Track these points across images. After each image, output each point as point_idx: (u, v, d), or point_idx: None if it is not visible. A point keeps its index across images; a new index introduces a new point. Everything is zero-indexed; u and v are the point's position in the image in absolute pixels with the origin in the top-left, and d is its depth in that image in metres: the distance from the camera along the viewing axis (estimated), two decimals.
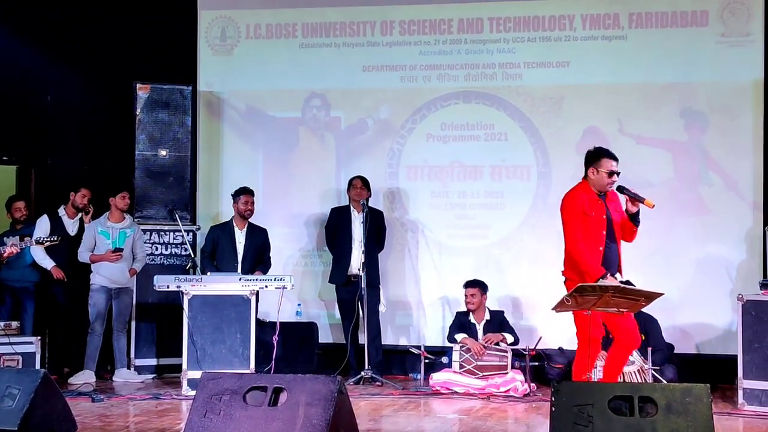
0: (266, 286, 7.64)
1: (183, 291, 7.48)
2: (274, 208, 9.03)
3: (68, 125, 9.46)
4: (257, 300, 7.76)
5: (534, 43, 8.81)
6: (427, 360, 8.06)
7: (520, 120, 8.80)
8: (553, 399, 4.64)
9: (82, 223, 8.56)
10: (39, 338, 7.61)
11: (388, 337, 8.75)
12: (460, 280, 8.26)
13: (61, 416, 5.43)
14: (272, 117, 9.22)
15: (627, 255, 6.20)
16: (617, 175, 6.01)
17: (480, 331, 8.00)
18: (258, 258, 8.40)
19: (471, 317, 8.07)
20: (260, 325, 7.90)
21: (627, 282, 6.09)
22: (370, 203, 8.39)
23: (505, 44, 8.85)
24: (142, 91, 8.80)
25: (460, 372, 7.75)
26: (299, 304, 8.87)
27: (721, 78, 8.45)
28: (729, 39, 8.46)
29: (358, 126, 9.08)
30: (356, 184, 8.46)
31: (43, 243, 7.64)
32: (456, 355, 7.84)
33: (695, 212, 8.44)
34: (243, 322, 7.43)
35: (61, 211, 8.56)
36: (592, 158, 6.05)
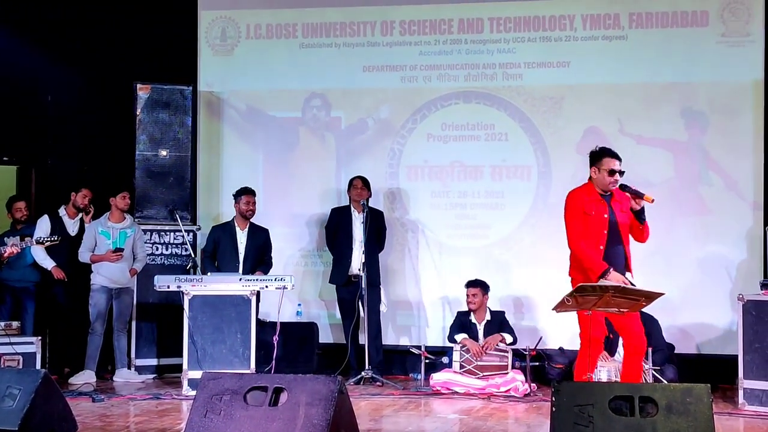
0: (266, 287, 7.64)
1: (183, 291, 7.49)
2: (275, 208, 9.02)
3: (68, 125, 9.47)
4: (258, 300, 7.76)
5: (534, 43, 8.81)
6: (428, 360, 8.06)
7: (521, 120, 8.80)
8: (554, 399, 4.64)
9: (83, 223, 8.56)
10: (39, 338, 7.61)
11: (389, 337, 8.75)
12: (461, 280, 8.26)
13: (62, 416, 5.43)
14: (272, 117, 9.22)
15: None
16: (620, 174, 6.01)
17: (481, 331, 7.99)
18: (259, 258, 8.40)
19: (472, 317, 8.07)
20: (261, 325, 7.91)
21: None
22: (371, 203, 8.39)
23: (506, 44, 8.85)
24: (143, 92, 8.80)
25: (461, 372, 7.75)
26: (299, 304, 8.87)
27: (722, 78, 8.45)
28: (729, 39, 8.46)
29: (359, 126, 9.08)
30: (356, 184, 8.45)
31: (44, 243, 7.65)
32: (456, 355, 7.83)
33: (695, 212, 8.44)
34: (243, 322, 7.43)
35: (62, 211, 8.56)
36: (595, 158, 6.06)
